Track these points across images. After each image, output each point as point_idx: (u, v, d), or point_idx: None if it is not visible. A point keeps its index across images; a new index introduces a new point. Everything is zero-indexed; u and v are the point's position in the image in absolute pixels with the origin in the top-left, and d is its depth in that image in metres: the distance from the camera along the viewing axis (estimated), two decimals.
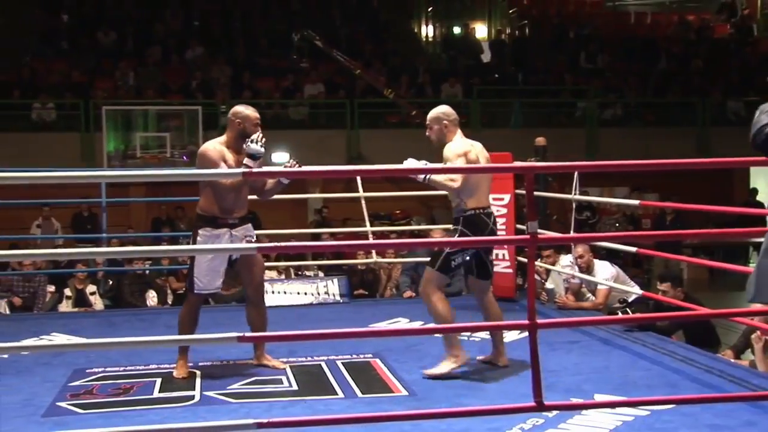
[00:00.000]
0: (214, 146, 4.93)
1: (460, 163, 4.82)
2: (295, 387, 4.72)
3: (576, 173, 6.72)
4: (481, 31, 19.38)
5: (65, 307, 8.50)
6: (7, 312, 8.35)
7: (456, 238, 4.77)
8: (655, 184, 13.84)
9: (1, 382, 4.84)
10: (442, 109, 5.07)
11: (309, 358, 5.27)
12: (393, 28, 18.17)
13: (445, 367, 4.86)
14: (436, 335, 5.22)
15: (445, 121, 5.01)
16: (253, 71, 15.42)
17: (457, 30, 18.85)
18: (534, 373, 3.27)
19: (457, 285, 7.71)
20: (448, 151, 4.92)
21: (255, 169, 4.01)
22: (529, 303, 3.41)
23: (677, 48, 18.10)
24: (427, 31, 19.39)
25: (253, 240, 5.04)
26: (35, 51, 15.66)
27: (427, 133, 5.08)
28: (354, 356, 5.31)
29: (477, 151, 5.02)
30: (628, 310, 6.21)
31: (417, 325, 6.32)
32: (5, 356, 5.23)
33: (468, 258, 4.98)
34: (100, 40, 15.86)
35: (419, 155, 4.96)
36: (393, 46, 17.39)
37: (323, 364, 5.14)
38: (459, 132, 5.05)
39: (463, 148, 4.93)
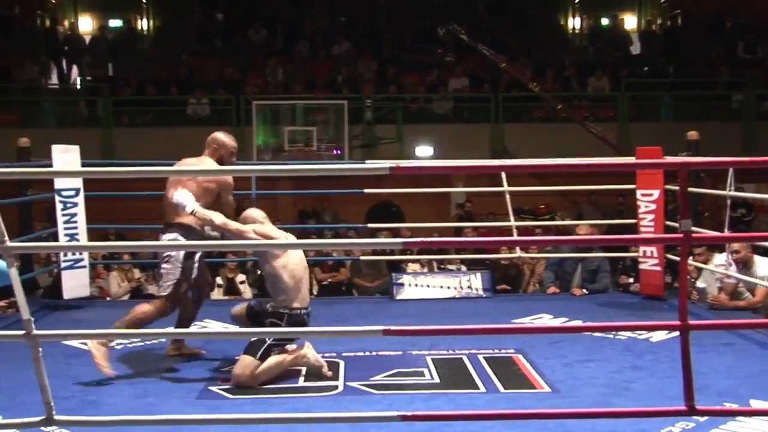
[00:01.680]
0: None
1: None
2: (437, 380, 4.75)
3: (731, 169, 6.42)
4: (630, 22, 18.82)
5: (217, 294, 8.84)
6: None
7: (592, 236, 4.65)
8: None
9: (158, 365, 5.09)
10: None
11: (451, 352, 5.28)
12: (538, 20, 17.92)
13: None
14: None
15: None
16: (398, 66, 15.57)
17: (605, 21, 18.39)
18: (685, 376, 3.16)
19: (603, 282, 7.54)
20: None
21: (403, 164, 4.05)
22: (681, 303, 3.28)
23: None
24: (574, 23, 19.00)
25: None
26: (192, 49, 16.42)
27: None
28: (496, 351, 5.28)
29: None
30: None
31: (560, 321, 6.23)
32: (163, 341, 5.50)
33: None
34: (251, 37, 16.46)
35: (563, 149, 4.89)
36: (538, 40, 17.15)
37: (465, 358, 5.14)
38: None
39: None
